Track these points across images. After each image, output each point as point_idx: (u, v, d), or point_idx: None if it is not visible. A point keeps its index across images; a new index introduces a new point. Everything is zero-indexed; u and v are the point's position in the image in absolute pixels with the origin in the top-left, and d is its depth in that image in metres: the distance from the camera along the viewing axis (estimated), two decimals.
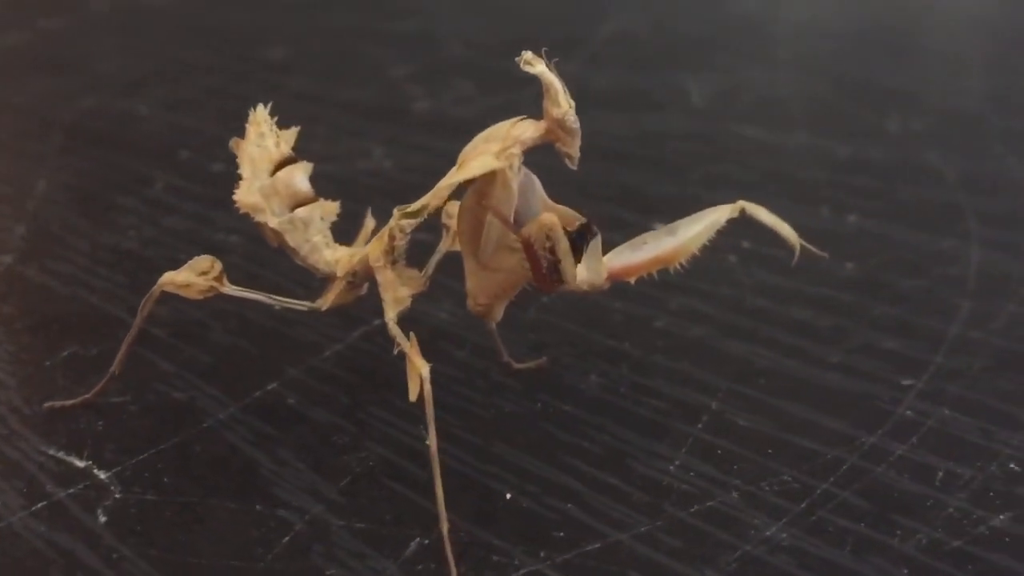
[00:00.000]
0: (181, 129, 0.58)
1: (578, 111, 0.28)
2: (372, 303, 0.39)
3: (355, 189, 0.32)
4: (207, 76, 0.67)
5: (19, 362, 0.37)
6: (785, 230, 0.31)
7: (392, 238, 0.31)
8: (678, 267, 0.30)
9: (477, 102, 0.60)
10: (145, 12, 0.81)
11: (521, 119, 0.28)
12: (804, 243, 0.31)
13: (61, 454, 0.32)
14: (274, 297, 0.33)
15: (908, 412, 0.33)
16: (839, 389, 0.35)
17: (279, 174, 0.32)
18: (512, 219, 0.28)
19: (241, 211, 0.32)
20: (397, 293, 0.31)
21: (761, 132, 0.56)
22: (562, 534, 0.29)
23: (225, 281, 0.32)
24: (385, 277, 0.31)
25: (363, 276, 0.32)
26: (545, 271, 0.27)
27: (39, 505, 0.30)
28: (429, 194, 0.30)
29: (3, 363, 0.36)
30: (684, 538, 0.28)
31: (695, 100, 0.61)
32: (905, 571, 0.27)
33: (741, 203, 0.30)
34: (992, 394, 0.34)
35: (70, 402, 0.34)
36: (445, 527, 0.27)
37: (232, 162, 0.33)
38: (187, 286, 0.32)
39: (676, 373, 0.36)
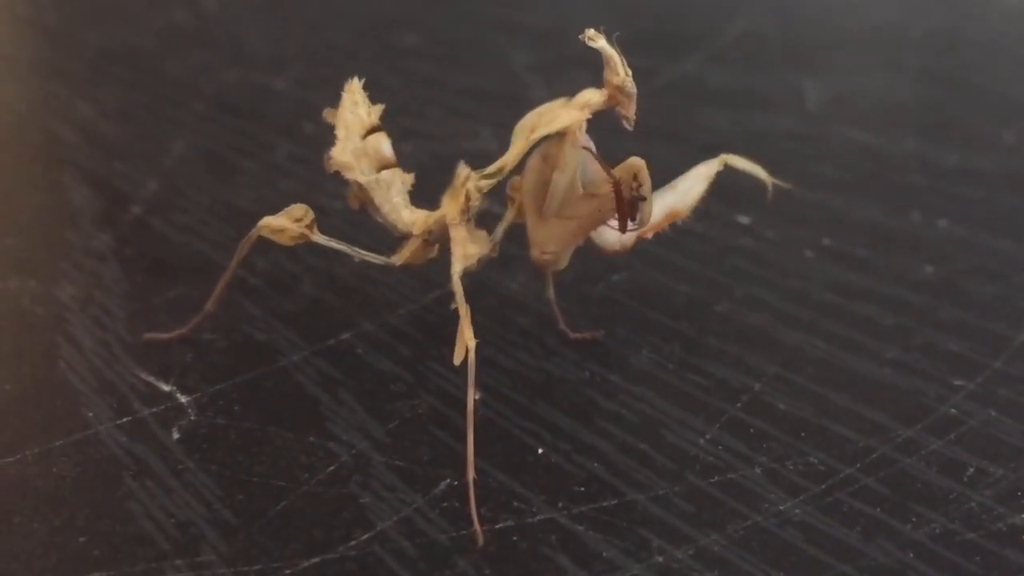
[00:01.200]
0: (310, 104, 0.61)
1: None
2: (447, 270, 0.42)
3: (455, 166, 0.35)
4: (344, 58, 0.71)
5: (131, 298, 0.41)
6: (759, 172, 0.36)
7: (468, 198, 0.34)
8: (687, 218, 0.35)
9: None
10: (248, 4, 0.86)
11: (568, 97, 0.32)
12: (775, 180, 0.36)
13: (151, 378, 0.35)
14: (355, 249, 0.35)
15: (952, 410, 0.33)
16: (887, 383, 0.35)
17: (369, 139, 0.35)
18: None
19: (332, 168, 0.35)
20: (466, 249, 0.34)
21: (869, 136, 0.56)
22: (583, 489, 0.30)
23: (315, 230, 0.35)
24: (458, 233, 0.34)
25: (437, 235, 0.35)
26: (627, 211, 0.31)
27: (124, 419, 0.33)
28: (503, 157, 0.33)
29: (117, 298, 0.41)
30: (698, 504, 0.30)
31: (809, 102, 0.61)
32: (911, 554, 0.28)
33: (723, 156, 0.35)
34: None
35: (167, 335, 0.37)
36: (471, 475, 0.29)
37: None
38: (281, 231, 0.35)
39: (726, 355, 0.37)
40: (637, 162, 0.30)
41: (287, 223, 0.35)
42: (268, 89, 0.64)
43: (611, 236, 0.34)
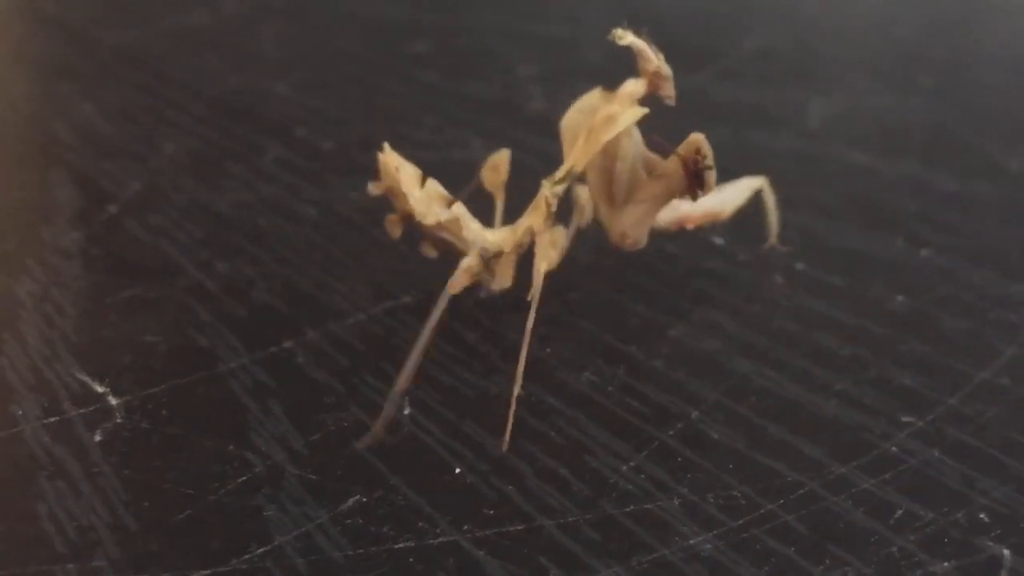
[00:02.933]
0: (308, 109, 0.62)
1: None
2: (403, 279, 0.42)
3: (440, 175, 0.35)
4: (351, 64, 0.71)
5: (85, 297, 0.41)
6: (772, 220, 0.41)
7: (548, 206, 0.35)
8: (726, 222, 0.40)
9: None
10: (323, 4, 0.87)
11: (604, 88, 0.36)
12: (776, 243, 0.41)
13: (87, 379, 0.35)
14: (489, 279, 0.36)
15: (894, 448, 0.32)
16: (830, 417, 0.34)
17: (427, 185, 0.36)
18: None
19: (414, 217, 0.35)
20: (550, 253, 0.36)
21: (867, 158, 0.54)
22: (492, 512, 0.30)
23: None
24: (543, 240, 0.36)
25: (527, 245, 0.36)
26: (695, 182, 0.34)
27: (52, 419, 0.33)
28: (569, 161, 0.36)
29: (72, 296, 0.41)
30: (607, 534, 0.29)
31: (812, 120, 0.60)
32: None
33: (764, 179, 0.41)
34: (993, 443, 0.32)
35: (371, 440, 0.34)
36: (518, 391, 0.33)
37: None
38: (469, 271, 0.35)
39: (669, 380, 0.36)
40: (698, 136, 0.34)
41: (476, 261, 0.35)
42: (269, 93, 0.64)
43: (666, 215, 0.38)
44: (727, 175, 0.40)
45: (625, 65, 0.36)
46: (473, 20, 0.81)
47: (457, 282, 0.34)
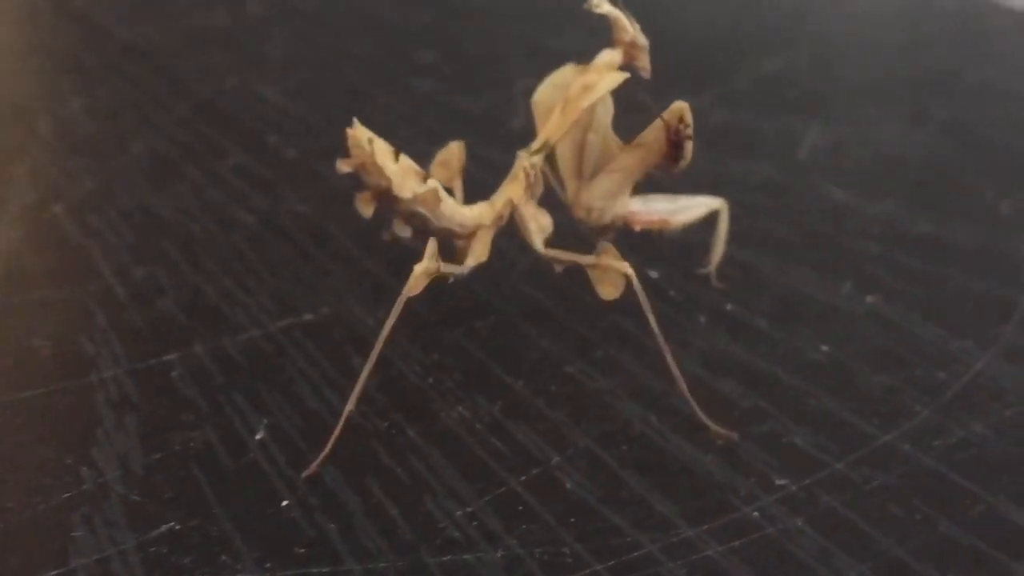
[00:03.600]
0: (289, 115, 0.61)
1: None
2: (312, 297, 0.41)
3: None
4: (352, 70, 0.71)
5: None
6: (718, 249, 0.40)
7: (527, 176, 0.35)
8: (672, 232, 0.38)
9: None
10: (347, 8, 0.87)
11: (576, 63, 0.36)
12: (713, 271, 0.41)
13: None
14: (456, 267, 0.34)
15: (755, 513, 0.30)
16: (702, 474, 0.32)
17: (400, 159, 0.34)
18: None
19: (391, 191, 0.33)
20: (540, 222, 0.36)
21: (846, 195, 0.51)
22: (303, 551, 0.28)
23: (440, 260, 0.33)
24: (528, 211, 0.35)
25: (507, 217, 0.36)
26: (674, 151, 0.34)
27: None
28: (545, 132, 0.36)
29: None
30: None
31: (802, 151, 0.57)
32: None
33: (725, 202, 0.39)
34: (867, 515, 0.30)
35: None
36: (683, 384, 0.33)
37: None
38: (427, 272, 0.32)
39: (546, 421, 0.34)
40: (682, 104, 0.33)
41: (434, 262, 0.33)
42: (257, 97, 0.64)
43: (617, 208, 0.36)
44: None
45: (626, 85, 0.35)
46: (491, 30, 0.80)
47: (415, 284, 0.32)
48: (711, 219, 0.40)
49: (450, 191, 0.39)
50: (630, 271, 0.34)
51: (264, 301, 0.41)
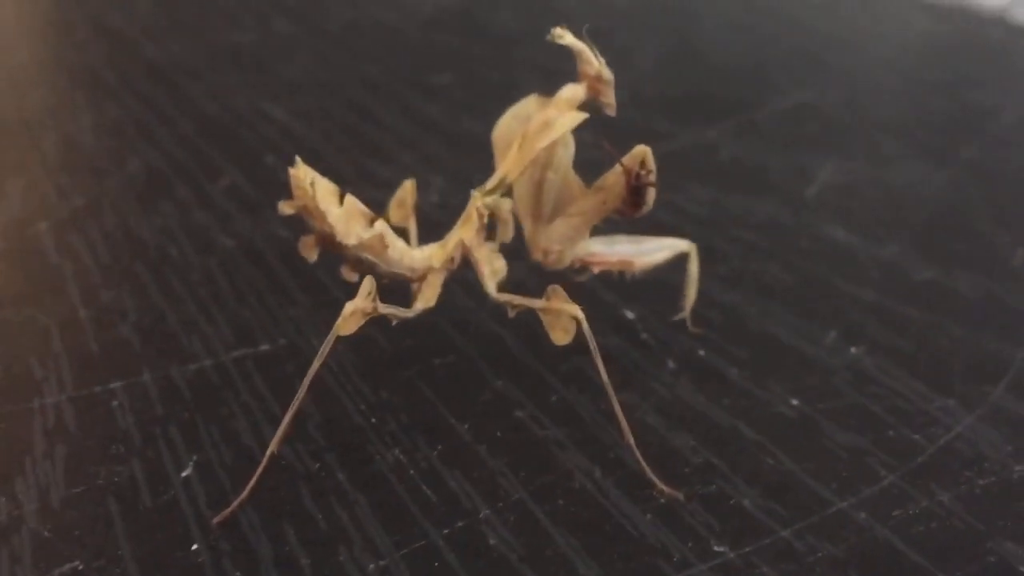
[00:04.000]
0: (292, 136, 0.61)
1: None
2: (274, 326, 0.40)
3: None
4: (365, 91, 0.70)
5: None
6: (691, 292, 0.38)
7: (480, 217, 0.34)
8: (635, 274, 0.37)
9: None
10: (374, 27, 0.86)
11: (540, 95, 0.34)
12: (688, 316, 0.39)
13: None
14: (399, 309, 0.33)
15: None
16: (633, 538, 0.30)
17: (346, 201, 0.33)
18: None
19: (335, 238, 0.32)
20: (494, 265, 0.34)
21: (850, 237, 0.49)
22: None
23: (378, 300, 0.32)
24: (481, 253, 0.34)
25: (460, 260, 0.34)
26: (635, 198, 0.32)
27: None
28: (502, 170, 0.34)
29: None
30: None
31: (811, 189, 0.55)
32: None
33: (693, 245, 0.37)
34: None
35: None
36: (630, 438, 0.32)
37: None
38: (361, 312, 0.31)
39: (483, 470, 0.32)
40: (644, 148, 0.32)
41: (367, 302, 0.31)
42: (263, 116, 0.64)
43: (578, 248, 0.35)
44: (672, 234, 0.37)
45: (641, 111, 0.33)
46: (512, 54, 0.79)
47: (343, 324, 0.31)
48: (681, 261, 0.38)
49: (404, 231, 0.38)
50: (580, 314, 0.32)
51: (223, 330, 0.40)
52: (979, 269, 0.46)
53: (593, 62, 0.33)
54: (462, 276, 0.36)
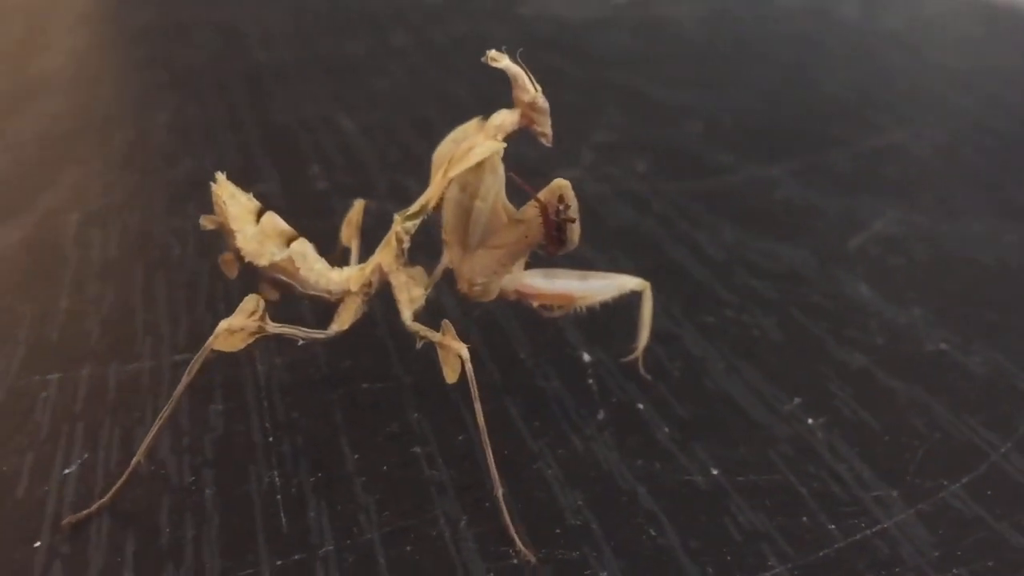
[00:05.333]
0: (346, 148, 0.62)
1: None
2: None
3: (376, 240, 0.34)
4: (433, 109, 0.70)
5: None
6: (644, 332, 0.36)
7: (400, 241, 0.33)
8: (578, 310, 0.35)
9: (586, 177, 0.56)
10: (480, 43, 0.86)
11: (482, 118, 0.33)
12: (640, 358, 0.37)
13: None
14: (300, 329, 0.33)
15: None
16: None
17: (263, 219, 0.33)
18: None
19: (236, 265, 0.34)
20: (411, 293, 0.34)
21: (872, 296, 0.45)
22: None
23: (268, 319, 0.32)
24: (398, 280, 0.34)
25: (377, 284, 0.34)
26: (555, 234, 0.31)
27: None
28: (425, 195, 0.33)
29: None
30: None
31: (855, 240, 0.50)
32: None
33: (646, 283, 0.35)
34: None
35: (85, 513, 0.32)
36: (499, 490, 0.30)
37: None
38: (239, 331, 0.31)
39: (346, 504, 0.32)
40: (562, 182, 0.30)
41: (245, 321, 0.31)
42: (333, 128, 0.65)
43: (513, 280, 0.34)
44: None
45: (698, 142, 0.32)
46: (601, 77, 0.77)
47: (215, 341, 0.31)
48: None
49: (348, 251, 0.37)
50: (465, 354, 0.31)
51: (180, 334, 0.41)
52: (1001, 347, 0.41)
53: (529, 88, 0.32)
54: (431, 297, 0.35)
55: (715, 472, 0.33)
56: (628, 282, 0.35)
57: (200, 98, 0.71)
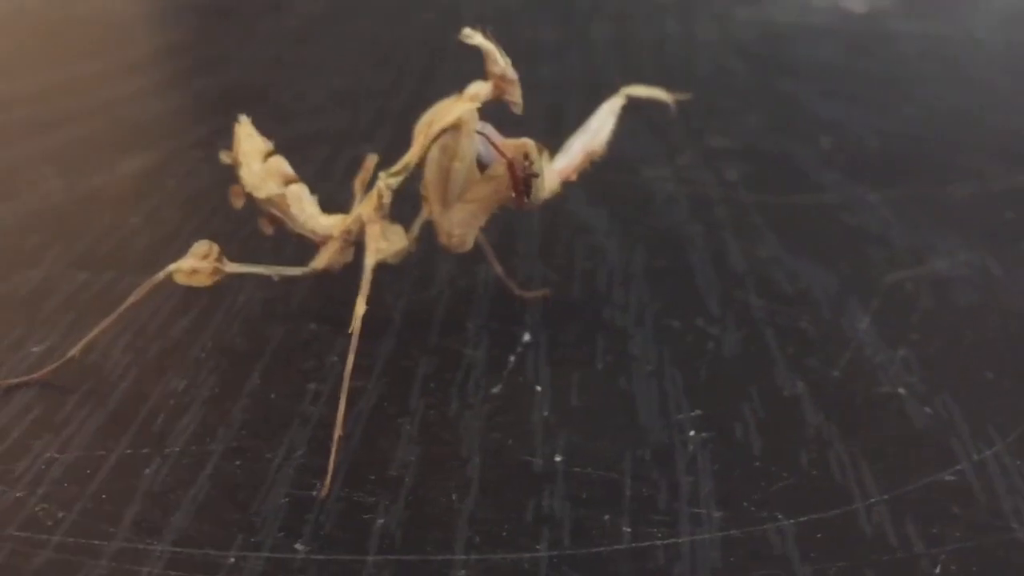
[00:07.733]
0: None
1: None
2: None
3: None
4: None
5: None
6: (659, 94, 0.40)
7: (381, 196, 0.38)
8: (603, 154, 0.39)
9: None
10: (622, 44, 0.87)
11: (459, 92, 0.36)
12: (673, 97, 0.40)
13: None
14: (272, 267, 0.38)
15: None
16: None
17: (270, 160, 0.39)
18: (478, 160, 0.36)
19: (240, 194, 0.39)
20: (379, 244, 0.38)
21: (870, 331, 0.42)
22: None
23: (225, 260, 0.35)
24: (372, 231, 0.38)
25: (357, 233, 0.39)
26: (521, 188, 0.35)
27: None
28: (407, 155, 0.37)
29: None
30: None
31: (897, 274, 0.47)
32: None
33: (624, 90, 0.39)
34: None
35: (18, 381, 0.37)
36: (338, 433, 0.33)
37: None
38: (195, 272, 0.35)
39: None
40: (527, 141, 0.34)
41: (198, 263, 0.35)
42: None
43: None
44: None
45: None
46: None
47: (178, 277, 0.35)
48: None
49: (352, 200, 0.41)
50: (359, 311, 0.35)
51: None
52: (962, 403, 0.38)
53: (499, 61, 0.34)
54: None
55: (558, 459, 0.34)
56: (614, 104, 0.39)
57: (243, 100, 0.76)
